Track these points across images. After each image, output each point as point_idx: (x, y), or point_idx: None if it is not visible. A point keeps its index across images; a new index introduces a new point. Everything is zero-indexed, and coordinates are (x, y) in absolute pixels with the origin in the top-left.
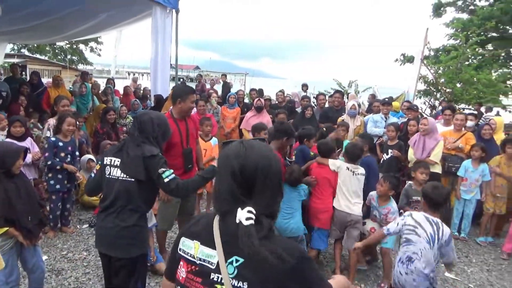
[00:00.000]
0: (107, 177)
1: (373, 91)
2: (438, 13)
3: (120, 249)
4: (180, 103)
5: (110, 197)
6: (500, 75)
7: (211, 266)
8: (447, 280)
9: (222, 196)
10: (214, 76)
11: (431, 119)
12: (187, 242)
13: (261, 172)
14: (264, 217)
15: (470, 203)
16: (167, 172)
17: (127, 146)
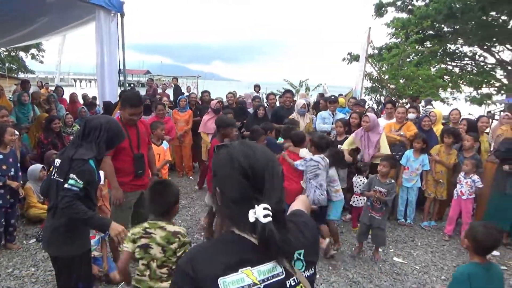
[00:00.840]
0: (52, 178)
1: (323, 89)
2: (380, 13)
3: (55, 247)
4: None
5: (52, 198)
6: (438, 71)
7: (280, 276)
8: (395, 264)
9: (236, 199)
10: (166, 80)
11: (372, 115)
12: (230, 278)
13: (270, 171)
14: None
15: (412, 190)
16: (73, 181)
17: (67, 149)
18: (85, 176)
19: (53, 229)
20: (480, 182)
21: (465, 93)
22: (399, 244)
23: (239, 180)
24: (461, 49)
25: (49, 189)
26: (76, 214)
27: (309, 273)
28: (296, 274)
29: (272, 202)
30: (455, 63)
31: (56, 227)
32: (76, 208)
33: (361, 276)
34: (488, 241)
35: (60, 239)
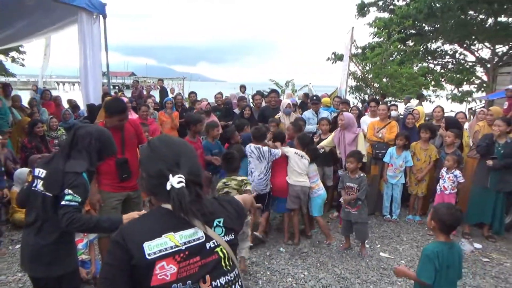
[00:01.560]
0: (32, 190)
1: (308, 89)
2: (362, 13)
3: (40, 269)
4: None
5: (33, 212)
6: (420, 69)
7: (200, 240)
8: (382, 260)
9: (152, 174)
10: (151, 82)
11: (348, 114)
12: (154, 242)
13: (184, 151)
14: (192, 182)
15: (397, 186)
16: (70, 196)
17: (54, 159)
18: (81, 190)
19: (39, 248)
20: (462, 177)
21: (447, 90)
22: (385, 240)
23: (155, 160)
24: (442, 48)
25: (28, 200)
26: (82, 226)
27: (229, 238)
28: (215, 238)
29: (185, 172)
30: (437, 61)
31: (43, 246)
32: (79, 221)
33: (348, 272)
34: (451, 220)
35: (47, 259)
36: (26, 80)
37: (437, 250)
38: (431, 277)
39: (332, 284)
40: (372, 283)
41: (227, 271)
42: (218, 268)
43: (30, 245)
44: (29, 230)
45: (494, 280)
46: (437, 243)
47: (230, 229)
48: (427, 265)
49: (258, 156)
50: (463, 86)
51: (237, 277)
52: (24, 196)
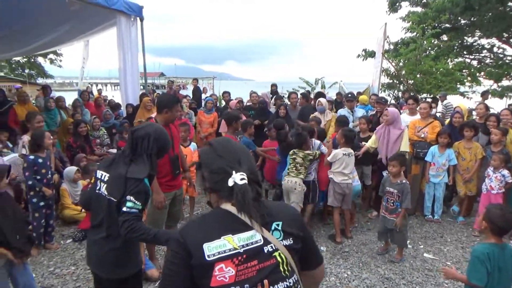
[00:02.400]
0: (96, 192)
1: (339, 87)
2: (394, 8)
3: (107, 270)
4: (167, 112)
5: (99, 215)
6: (456, 64)
7: (258, 243)
8: (426, 261)
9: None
10: (181, 82)
11: (392, 109)
12: (214, 244)
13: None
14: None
15: (439, 186)
16: (131, 203)
17: (116, 162)
18: (142, 197)
19: (107, 251)
20: (510, 177)
21: (484, 86)
22: (429, 241)
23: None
24: (479, 42)
25: (91, 203)
26: (141, 236)
27: (288, 242)
28: (273, 242)
29: (246, 170)
30: (473, 56)
31: (111, 249)
32: (139, 230)
33: (392, 272)
34: (503, 223)
35: (115, 261)
36: (62, 81)
37: (488, 251)
38: (483, 280)
39: (376, 285)
40: (418, 284)
41: (285, 276)
42: (276, 273)
43: (98, 248)
44: (95, 232)
45: None
46: (488, 245)
47: (289, 233)
48: (478, 267)
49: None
50: (503, 81)
51: (297, 283)
52: (87, 199)
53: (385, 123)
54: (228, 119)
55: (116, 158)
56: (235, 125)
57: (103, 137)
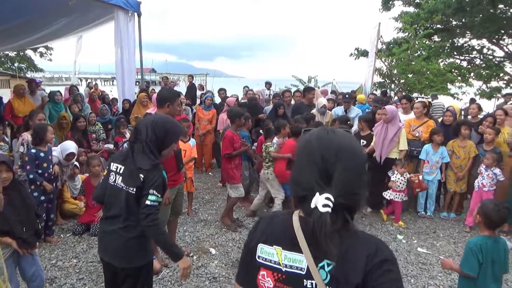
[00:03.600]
0: (111, 185)
1: (333, 85)
2: (387, 7)
3: (126, 260)
4: (169, 106)
5: (115, 206)
6: (447, 65)
7: (301, 272)
8: (420, 255)
9: (300, 181)
10: (172, 78)
11: (391, 107)
12: (266, 248)
13: (343, 157)
14: (341, 208)
15: (433, 183)
16: (154, 197)
17: (131, 154)
18: (161, 188)
19: (125, 241)
20: (502, 175)
21: (474, 87)
22: (422, 236)
23: (307, 163)
24: (469, 43)
25: (106, 196)
26: (159, 235)
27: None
28: (316, 280)
29: (337, 191)
30: (464, 57)
31: (130, 238)
32: (159, 229)
33: None
34: (497, 217)
35: (133, 250)
36: (51, 76)
37: (481, 243)
38: (475, 270)
39: None
40: (413, 277)
41: None
42: None
43: (114, 238)
44: (111, 223)
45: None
46: (481, 237)
47: (337, 280)
48: (471, 257)
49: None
50: (492, 82)
51: None
52: (102, 192)
53: (385, 121)
54: (232, 116)
55: (129, 151)
56: (238, 122)
57: (99, 132)
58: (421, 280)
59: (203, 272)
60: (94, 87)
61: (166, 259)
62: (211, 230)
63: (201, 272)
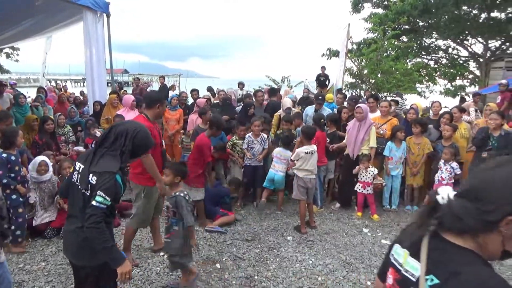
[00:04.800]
0: (73, 182)
1: (305, 85)
2: (357, 8)
3: (84, 258)
4: (159, 107)
5: (75, 206)
6: (414, 65)
7: (412, 278)
8: (383, 247)
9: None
10: (145, 78)
11: (364, 105)
12: (398, 249)
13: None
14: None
15: (396, 178)
16: (101, 198)
17: (92, 156)
18: (112, 192)
19: (83, 239)
20: (459, 169)
21: (440, 85)
22: (386, 228)
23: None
24: (435, 43)
25: (68, 192)
26: (99, 238)
27: None
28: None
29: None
30: (430, 57)
31: (86, 238)
32: (102, 232)
33: (353, 258)
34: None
35: (89, 250)
36: (18, 77)
37: None
38: None
39: (338, 269)
40: (376, 267)
41: None
42: None
43: (73, 237)
44: (72, 222)
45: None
46: None
47: None
48: None
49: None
50: (456, 80)
51: None
52: (65, 187)
53: (358, 119)
54: (212, 124)
55: (91, 152)
56: (216, 132)
57: (68, 134)
58: None
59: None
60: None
61: (137, 259)
62: None
63: None
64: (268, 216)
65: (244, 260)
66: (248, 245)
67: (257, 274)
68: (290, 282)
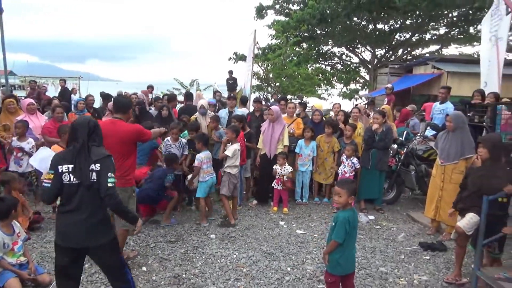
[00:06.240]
0: (67, 183)
1: (214, 88)
2: (261, 15)
3: (99, 237)
4: (130, 112)
5: (74, 200)
6: (314, 70)
7: None
8: (299, 236)
9: None
10: (39, 81)
11: (275, 107)
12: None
13: None
14: None
15: (306, 174)
16: (112, 179)
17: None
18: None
19: (93, 224)
20: (358, 163)
21: (337, 89)
22: (299, 219)
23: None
24: (331, 50)
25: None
26: (122, 206)
27: None
28: None
29: None
30: (327, 63)
31: (96, 221)
32: (121, 201)
33: (273, 248)
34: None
35: (101, 230)
36: None
37: (348, 216)
38: (342, 237)
39: (261, 260)
40: (294, 254)
41: None
42: None
43: (82, 226)
44: (72, 215)
45: (385, 241)
46: (346, 211)
47: None
48: (341, 228)
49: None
50: (351, 84)
51: None
52: (53, 193)
53: (271, 121)
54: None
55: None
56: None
57: None
58: (300, 256)
59: (98, 278)
60: None
61: (133, 250)
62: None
63: (96, 278)
64: (189, 217)
65: (170, 260)
66: (172, 246)
67: (185, 273)
68: (217, 276)
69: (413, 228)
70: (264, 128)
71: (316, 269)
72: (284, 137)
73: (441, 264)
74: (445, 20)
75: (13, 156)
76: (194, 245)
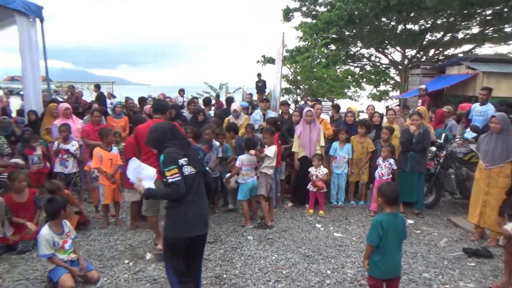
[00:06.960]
0: (187, 175)
1: (243, 91)
2: (288, 18)
3: (208, 224)
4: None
5: (192, 191)
6: (344, 71)
7: None
8: (337, 239)
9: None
10: (80, 86)
11: (312, 109)
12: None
13: None
14: None
15: (341, 176)
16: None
17: (184, 145)
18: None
19: (206, 212)
20: (395, 165)
21: (366, 90)
22: (336, 222)
23: None
24: (360, 51)
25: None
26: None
27: None
28: None
29: None
30: (356, 64)
31: (207, 209)
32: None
33: (311, 251)
34: (391, 193)
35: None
36: None
37: (381, 219)
38: (375, 241)
39: (299, 262)
40: (333, 257)
41: None
42: None
43: (204, 211)
44: (197, 202)
45: (427, 246)
46: (383, 215)
47: None
48: (373, 231)
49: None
50: (381, 86)
51: None
52: (183, 188)
53: (307, 122)
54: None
55: (185, 145)
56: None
57: (3, 146)
58: (340, 260)
59: (142, 276)
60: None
61: (100, 268)
62: (142, 236)
63: (140, 276)
64: (226, 218)
65: (211, 260)
66: (211, 247)
67: (225, 273)
68: (258, 277)
69: (455, 234)
70: (299, 131)
71: (356, 273)
72: (321, 138)
73: (488, 271)
74: (479, 19)
75: (59, 158)
76: (233, 246)
